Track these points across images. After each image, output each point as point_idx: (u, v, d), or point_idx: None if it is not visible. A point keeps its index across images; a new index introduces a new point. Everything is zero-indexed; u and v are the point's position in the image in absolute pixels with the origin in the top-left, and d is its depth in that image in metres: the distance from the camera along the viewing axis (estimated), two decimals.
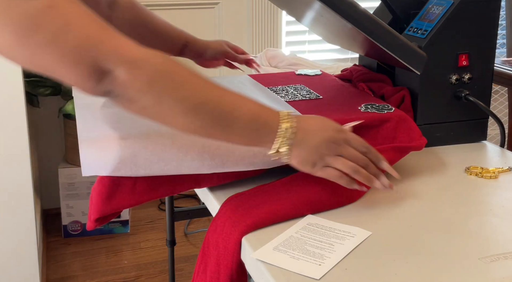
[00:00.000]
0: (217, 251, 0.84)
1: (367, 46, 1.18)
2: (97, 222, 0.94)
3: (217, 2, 2.82)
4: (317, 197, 0.90)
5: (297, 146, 0.84)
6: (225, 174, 0.95)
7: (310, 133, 0.85)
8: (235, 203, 0.90)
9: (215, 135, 0.82)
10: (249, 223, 0.83)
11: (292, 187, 0.92)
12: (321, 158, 0.86)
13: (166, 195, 0.95)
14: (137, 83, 0.75)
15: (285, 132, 0.83)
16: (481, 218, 0.89)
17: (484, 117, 1.21)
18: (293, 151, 0.84)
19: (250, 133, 0.83)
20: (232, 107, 0.81)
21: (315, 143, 0.85)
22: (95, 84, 0.75)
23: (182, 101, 0.78)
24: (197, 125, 0.80)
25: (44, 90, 2.42)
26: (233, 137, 0.83)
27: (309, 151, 0.85)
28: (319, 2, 0.98)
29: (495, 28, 1.17)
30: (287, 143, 0.83)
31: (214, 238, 0.86)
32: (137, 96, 0.77)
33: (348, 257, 0.78)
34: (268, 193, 0.91)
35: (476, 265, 0.76)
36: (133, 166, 0.89)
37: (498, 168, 1.07)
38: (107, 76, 0.75)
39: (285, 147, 0.84)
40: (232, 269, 0.82)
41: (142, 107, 0.78)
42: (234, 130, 0.82)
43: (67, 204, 2.56)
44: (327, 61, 3.06)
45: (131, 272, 2.37)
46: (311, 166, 0.86)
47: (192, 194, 2.96)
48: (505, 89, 3.08)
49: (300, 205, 0.88)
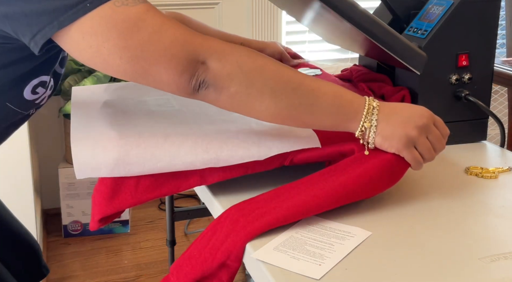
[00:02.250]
0: (233, 225, 0.83)
1: (367, 46, 1.18)
2: (101, 222, 0.94)
3: (217, 2, 2.82)
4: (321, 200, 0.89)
5: (383, 121, 0.87)
6: (231, 168, 0.94)
7: (397, 110, 0.88)
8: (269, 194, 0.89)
9: (301, 115, 0.87)
10: (278, 216, 0.83)
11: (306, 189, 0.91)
12: (407, 136, 0.87)
13: (170, 193, 0.94)
14: (228, 67, 0.84)
15: (369, 107, 0.87)
16: (481, 218, 0.89)
17: (484, 117, 1.21)
18: (378, 126, 0.87)
19: (335, 111, 0.87)
20: (315, 86, 0.87)
21: (403, 119, 0.87)
22: (190, 76, 0.84)
23: (269, 80, 0.85)
24: (284, 104, 0.86)
25: None
26: (319, 116, 0.87)
27: (396, 126, 0.87)
28: (319, 2, 0.98)
29: (495, 28, 1.18)
30: (373, 119, 0.87)
31: (236, 216, 0.85)
32: (229, 80, 0.84)
33: (348, 257, 0.78)
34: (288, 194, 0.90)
35: (476, 265, 0.76)
36: (126, 165, 0.89)
37: (498, 168, 1.07)
38: (201, 66, 0.84)
39: (371, 122, 0.87)
40: (236, 248, 0.80)
41: (233, 93, 0.85)
42: (319, 108, 0.86)
43: (67, 204, 2.56)
44: (327, 61, 3.06)
45: (131, 272, 2.37)
46: (396, 142, 0.87)
47: (192, 194, 2.96)
48: (505, 89, 3.08)
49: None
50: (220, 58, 0.85)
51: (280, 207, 0.85)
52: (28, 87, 0.95)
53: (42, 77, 0.96)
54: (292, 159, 0.95)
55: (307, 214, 0.84)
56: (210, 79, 0.85)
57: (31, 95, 0.96)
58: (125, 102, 1.07)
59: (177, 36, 0.83)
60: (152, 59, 0.82)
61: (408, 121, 0.87)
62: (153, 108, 1.05)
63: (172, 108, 1.06)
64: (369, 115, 0.87)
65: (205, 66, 0.84)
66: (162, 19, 0.83)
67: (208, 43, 0.85)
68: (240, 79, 0.85)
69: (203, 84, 0.85)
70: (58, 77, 1.04)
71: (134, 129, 0.93)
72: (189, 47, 0.83)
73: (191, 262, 0.83)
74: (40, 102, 1.01)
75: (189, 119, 1.00)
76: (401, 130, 0.87)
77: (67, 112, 2.43)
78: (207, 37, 0.86)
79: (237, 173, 0.95)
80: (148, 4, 0.84)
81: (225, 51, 0.85)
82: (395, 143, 0.87)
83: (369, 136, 0.88)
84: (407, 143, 0.87)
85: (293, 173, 0.99)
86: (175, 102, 1.09)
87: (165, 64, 0.83)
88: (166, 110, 1.05)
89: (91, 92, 1.15)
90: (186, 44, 0.83)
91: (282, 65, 0.89)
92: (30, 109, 1.02)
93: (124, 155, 0.89)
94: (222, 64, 0.84)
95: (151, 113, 1.03)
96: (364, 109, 0.87)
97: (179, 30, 0.84)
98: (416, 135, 0.87)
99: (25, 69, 0.92)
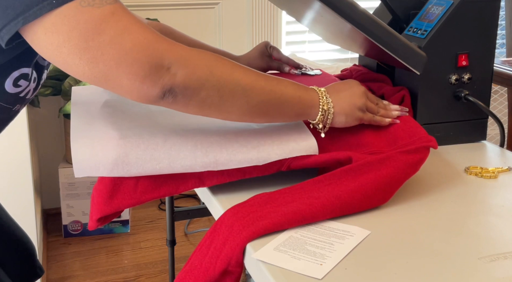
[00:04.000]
0: (229, 231, 0.84)
1: (367, 46, 1.18)
2: (99, 222, 0.95)
3: (217, 2, 2.82)
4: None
5: (336, 101, 0.98)
6: (230, 172, 0.95)
7: (338, 88, 1.00)
8: (262, 198, 0.90)
9: (270, 110, 0.92)
10: (275, 222, 0.83)
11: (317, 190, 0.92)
12: (359, 106, 0.99)
13: (169, 194, 0.94)
14: (198, 72, 0.84)
15: (320, 92, 0.97)
16: (481, 218, 0.89)
17: (484, 117, 1.21)
18: (335, 107, 0.97)
19: (297, 101, 0.94)
20: (277, 80, 0.93)
21: (347, 93, 0.99)
22: (154, 83, 0.81)
23: (240, 81, 0.88)
24: (255, 102, 0.90)
25: (44, 90, 2.42)
26: (285, 109, 0.93)
27: (347, 102, 0.98)
28: (319, 2, 0.98)
29: (495, 28, 1.18)
30: (329, 101, 0.97)
31: (231, 221, 0.85)
32: (200, 86, 0.84)
33: (348, 257, 0.78)
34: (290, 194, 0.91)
35: (476, 265, 0.76)
36: (125, 165, 0.89)
37: (497, 168, 1.07)
38: (166, 73, 0.82)
39: (328, 104, 0.96)
40: (234, 254, 0.81)
41: (204, 97, 0.85)
42: (285, 101, 0.93)
43: (67, 204, 2.56)
44: (327, 61, 3.06)
45: (131, 272, 2.37)
46: (355, 113, 0.99)
47: (192, 194, 2.96)
48: (504, 89, 3.08)
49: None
50: (188, 64, 0.83)
51: (275, 212, 0.85)
52: (9, 80, 0.94)
53: (23, 70, 0.95)
54: (289, 165, 0.95)
55: (302, 221, 0.85)
56: (179, 86, 0.83)
57: (13, 88, 0.96)
58: (125, 102, 1.07)
59: (140, 40, 0.80)
60: (112, 62, 0.80)
61: (352, 94, 1.00)
62: (153, 108, 1.05)
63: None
64: (324, 99, 0.96)
65: (171, 73, 0.82)
66: (128, 22, 0.81)
67: (174, 48, 0.83)
68: (212, 83, 0.85)
69: (169, 92, 0.83)
70: (41, 69, 1.02)
71: (134, 130, 0.93)
72: (153, 52, 0.81)
73: (194, 273, 0.83)
74: (26, 96, 0.99)
75: (189, 119, 1.00)
76: (352, 103, 0.99)
77: (67, 112, 2.43)
78: (174, 42, 0.84)
79: (235, 177, 0.96)
80: (116, 6, 0.81)
81: (192, 56, 0.84)
82: (355, 114, 0.99)
83: (328, 118, 0.97)
84: (362, 111, 1.00)
85: (290, 173, 0.99)
86: None
87: (126, 68, 0.80)
88: (166, 110, 1.05)
89: (91, 92, 1.15)
90: (150, 49, 0.81)
91: (245, 67, 0.91)
92: (16, 103, 1.00)
93: (123, 156, 0.89)
94: (191, 70, 0.83)
95: (151, 113, 1.03)
96: (319, 95, 0.96)
97: (144, 34, 0.81)
98: (364, 101, 1.00)
99: (1, 61, 0.91)
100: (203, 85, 0.84)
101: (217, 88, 0.86)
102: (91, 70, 0.81)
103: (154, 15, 2.66)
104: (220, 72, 0.86)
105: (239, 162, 0.92)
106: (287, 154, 0.94)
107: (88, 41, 0.79)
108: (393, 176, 0.92)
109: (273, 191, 0.92)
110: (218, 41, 2.86)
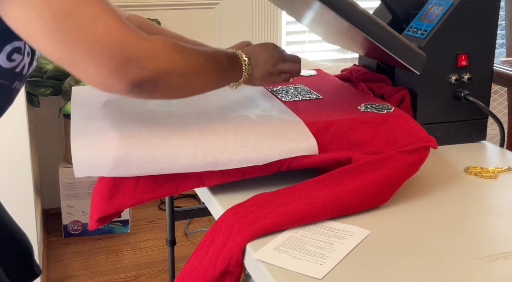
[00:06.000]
0: (229, 231, 0.84)
1: (367, 46, 1.18)
2: (99, 222, 0.95)
3: (217, 2, 2.82)
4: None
5: (255, 66, 1.05)
6: (230, 172, 0.95)
7: (254, 53, 1.06)
8: (262, 198, 0.90)
9: (220, 78, 1.00)
10: (275, 222, 0.83)
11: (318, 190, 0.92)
12: (272, 70, 1.07)
13: (169, 194, 0.94)
14: (165, 64, 0.85)
15: (242, 56, 1.03)
16: (481, 218, 0.89)
17: (484, 117, 1.21)
18: (253, 71, 1.04)
19: (233, 68, 1.02)
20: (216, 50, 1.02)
21: (263, 59, 1.06)
22: (122, 76, 0.81)
23: (202, 53, 0.93)
24: (212, 67, 0.96)
25: (45, 90, 2.42)
26: (229, 75, 1.01)
27: (263, 67, 1.06)
28: (319, 2, 0.98)
29: (495, 28, 1.18)
30: (248, 66, 1.03)
31: (231, 221, 0.85)
32: (166, 77, 0.86)
33: (348, 257, 0.78)
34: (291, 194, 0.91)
35: (475, 264, 0.76)
36: (125, 165, 0.89)
37: (497, 168, 1.07)
38: (134, 67, 0.81)
39: (247, 71, 1.03)
40: (234, 254, 0.81)
41: (168, 86, 0.88)
42: (227, 69, 1.00)
43: (67, 204, 2.56)
44: (327, 61, 3.06)
45: (131, 271, 2.37)
46: (269, 78, 1.07)
47: (192, 194, 2.96)
48: (504, 89, 3.08)
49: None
50: (156, 55, 0.84)
51: (275, 212, 0.85)
52: (2, 54, 0.93)
53: (15, 43, 0.95)
54: (289, 165, 0.95)
55: (302, 221, 0.85)
56: (148, 80, 0.84)
57: (7, 62, 0.95)
58: (125, 102, 1.07)
59: (111, 30, 0.80)
60: (80, 47, 0.79)
61: (267, 58, 1.06)
62: (153, 108, 1.05)
63: (171, 107, 1.06)
64: (246, 66, 1.03)
65: (141, 66, 0.82)
66: (101, 10, 0.80)
67: (142, 41, 0.83)
68: (176, 74, 0.88)
69: (137, 86, 0.83)
70: None
71: (134, 130, 0.93)
72: (123, 44, 0.81)
73: (194, 273, 0.83)
74: (22, 71, 0.99)
75: (189, 119, 1.00)
76: (266, 69, 1.06)
77: (67, 112, 2.43)
78: (144, 35, 0.84)
79: (235, 177, 0.96)
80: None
81: (158, 48, 0.85)
82: (269, 79, 1.07)
83: (246, 79, 1.03)
84: (276, 72, 1.07)
85: (290, 173, 0.99)
86: (175, 102, 1.09)
87: (94, 56, 0.79)
88: (165, 110, 1.05)
89: (91, 92, 1.15)
90: (120, 40, 0.80)
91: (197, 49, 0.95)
92: (14, 80, 0.99)
93: (123, 156, 0.89)
94: (159, 64, 0.84)
95: (151, 113, 1.03)
96: (241, 59, 1.03)
97: (116, 25, 0.81)
98: (276, 64, 1.07)
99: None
100: (169, 76, 0.86)
101: (180, 77, 0.89)
102: (58, 51, 0.80)
103: (154, 15, 2.66)
104: (181, 62, 0.88)
105: (239, 162, 0.92)
106: (287, 154, 0.94)
107: (59, 22, 0.78)
108: (393, 176, 0.92)
109: (273, 191, 0.92)
110: (218, 41, 2.86)
